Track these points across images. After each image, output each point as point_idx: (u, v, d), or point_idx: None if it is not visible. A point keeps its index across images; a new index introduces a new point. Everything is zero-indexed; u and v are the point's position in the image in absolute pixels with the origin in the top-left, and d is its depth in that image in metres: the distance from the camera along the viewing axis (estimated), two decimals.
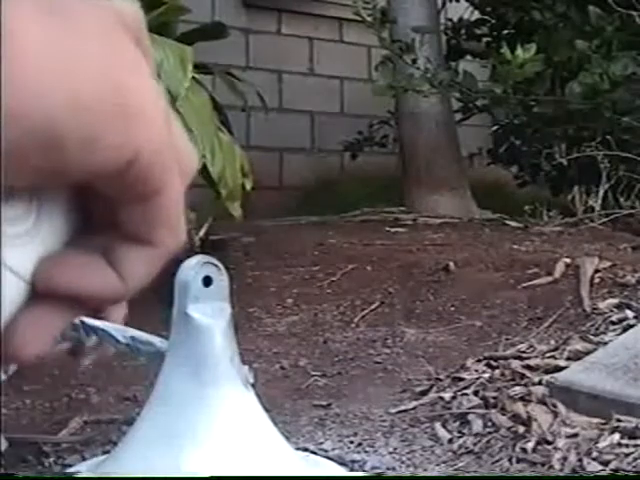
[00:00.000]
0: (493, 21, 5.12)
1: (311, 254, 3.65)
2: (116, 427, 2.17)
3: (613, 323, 2.70)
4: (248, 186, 3.18)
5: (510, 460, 1.99)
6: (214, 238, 3.50)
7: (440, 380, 2.46)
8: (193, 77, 2.95)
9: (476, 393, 2.31)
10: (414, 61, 4.26)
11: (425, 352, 2.73)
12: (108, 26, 0.33)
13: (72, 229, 0.36)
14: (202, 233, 3.36)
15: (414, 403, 2.34)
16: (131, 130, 0.33)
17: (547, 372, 2.36)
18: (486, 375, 2.41)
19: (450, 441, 2.11)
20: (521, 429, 2.09)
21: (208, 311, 1.66)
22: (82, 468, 1.86)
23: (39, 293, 0.34)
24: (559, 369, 2.37)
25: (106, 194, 0.34)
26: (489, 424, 2.14)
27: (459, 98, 4.75)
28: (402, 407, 2.31)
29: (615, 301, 2.85)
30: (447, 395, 2.33)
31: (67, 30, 0.31)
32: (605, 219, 4.21)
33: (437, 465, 2.01)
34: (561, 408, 2.16)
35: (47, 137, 0.30)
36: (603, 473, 1.90)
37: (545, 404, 2.19)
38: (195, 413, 1.64)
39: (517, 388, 2.29)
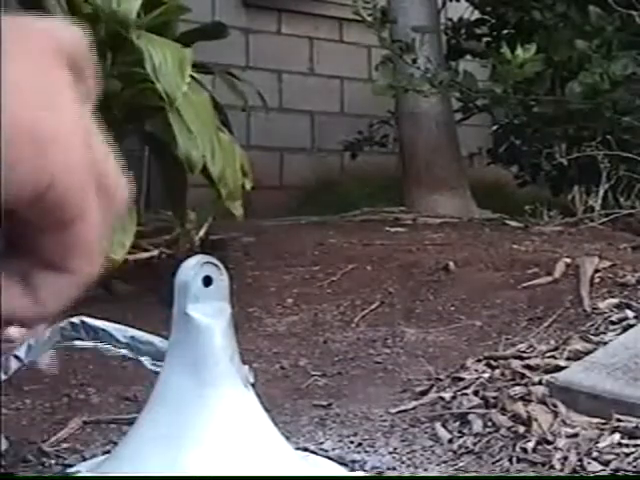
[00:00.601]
0: (493, 21, 5.13)
1: (311, 254, 3.65)
2: (116, 427, 2.17)
3: (613, 323, 2.70)
4: (248, 186, 3.18)
5: (510, 460, 1.99)
6: (214, 238, 3.50)
7: (440, 380, 2.46)
8: (193, 77, 2.95)
9: (476, 393, 2.30)
10: (414, 61, 4.26)
11: (425, 352, 2.73)
12: (34, 54, 0.34)
13: None
14: (202, 233, 3.37)
15: (414, 403, 2.34)
16: (45, 157, 0.33)
17: (547, 372, 2.36)
18: (486, 375, 2.41)
19: (450, 441, 2.11)
20: (521, 429, 2.09)
21: (208, 311, 1.66)
22: (82, 468, 1.86)
23: None
24: (559, 369, 2.37)
25: (25, 220, 0.34)
26: (489, 424, 2.14)
27: (459, 98, 4.75)
28: (402, 407, 2.31)
29: (615, 301, 2.85)
30: (447, 395, 2.33)
31: None
32: (605, 219, 4.21)
33: (437, 465, 2.01)
34: (561, 408, 2.16)
35: None
36: (603, 473, 1.90)
37: (545, 404, 2.19)
38: (195, 413, 1.64)
39: (517, 388, 2.29)
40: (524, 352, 2.57)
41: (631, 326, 2.63)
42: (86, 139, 0.35)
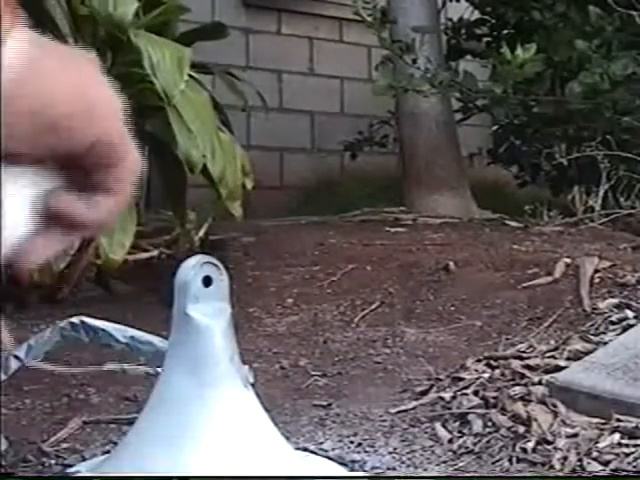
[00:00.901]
0: (493, 21, 5.12)
1: (311, 254, 3.65)
2: (116, 427, 2.17)
3: (613, 323, 2.70)
4: (249, 185, 3.18)
5: (510, 460, 1.99)
6: (214, 238, 3.50)
7: (440, 380, 2.46)
8: (193, 77, 2.95)
9: (476, 393, 2.31)
10: (414, 61, 4.26)
11: (425, 352, 2.73)
12: (80, 59, 0.53)
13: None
14: (202, 233, 3.37)
15: (414, 403, 2.34)
16: (93, 122, 0.51)
17: (547, 372, 2.36)
18: (486, 375, 2.41)
19: (450, 441, 2.11)
20: (521, 429, 2.09)
21: (208, 311, 1.66)
22: (82, 468, 1.86)
23: (46, 218, 0.52)
24: (559, 369, 2.37)
25: (86, 161, 0.52)
26: (489, 424, 2.14)
27: (459, 98, 4.75)
28: (402, 407, 2.31)
29: (615, 301, 2.85)
30: (447, 395, 2.33)
31: (61, 62, 0.51)
32: (605, 219, 4.21)
33: (437, 465, 2.01)
34: (561, 408, 2.16)
35: (48, 124, 0.50)
36: (603, 473, 1.90)
37: (545, 404, 2.19)
38: (195, 413, 1.64)
39: (517, 388, 2.29)
40: (524, 352, 2.58)
41: (631, 326, 2.63)
42: (120, 112, 0.54)
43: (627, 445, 1.98)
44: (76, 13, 2.98)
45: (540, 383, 2.29)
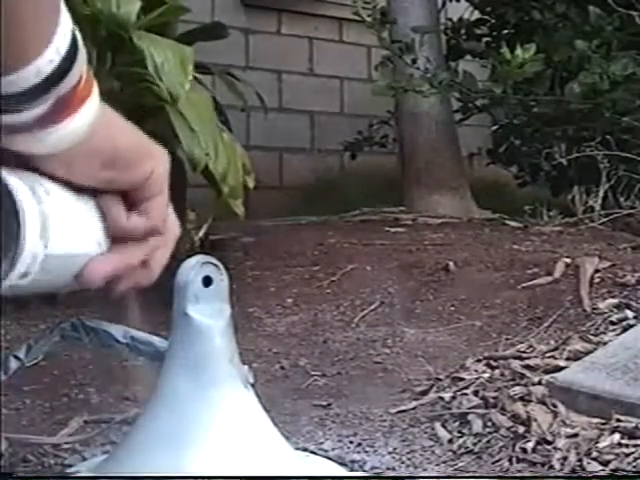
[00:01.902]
0: (493, 21, 5.12)
1: (311, 254, 3.65)
2: (116, 427, 2.17)
3: (613, 323, 2.70)
4: (251, 185, 3.18)
5: (510, 460, 1.99)
6: (214, 238, 3.50)
7: (440, 380, 2.46)
8: (194, 77, 2.95)
9: (476, 393, 2.31)
10: (414, 61, 4.26)
11: (425, 352, 2.73)
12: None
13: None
14: (202, 233, 3.37)
15: (414, 403, 2.34)
16: (148, 162, 0.68)
17: (547, 372, 2.36)
18: (486, 375, 2.41)
19: (450, 441, 2.11)
20: (521, 429, 2.09)
21: (208, 311, 1.66)
22: (82, 468, 1.86)
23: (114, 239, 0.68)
24: (559, 369, 2.37)
25: (134, 195, 0.67)
26: (489, 424, 2.14)
27: (459, 98, 4.75)
28: (402, 407, 2.31)
29: (615, 301, 2.85)
30: (447, 395, 2.33)
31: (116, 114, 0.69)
32: (605, 219, 4.21)
33: (437, 465, 2.01)
34: (561, 408, 2.16)
35: (113, 163, 0.66)
36: (603, 473, 1.90)
37: (545, 404, 2.19)
38: (195, 413, 1.64)
39: (517, 388, 2.29)
40: (524, 352, 2.58)
41: (631, 326, 2.63)
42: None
43: (627, 445, 1.98)
44: (77, 12, 2.98)
45: (540, 383, 2.29)
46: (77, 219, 0.64)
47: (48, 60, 0.59)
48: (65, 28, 0.61)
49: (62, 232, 0.62)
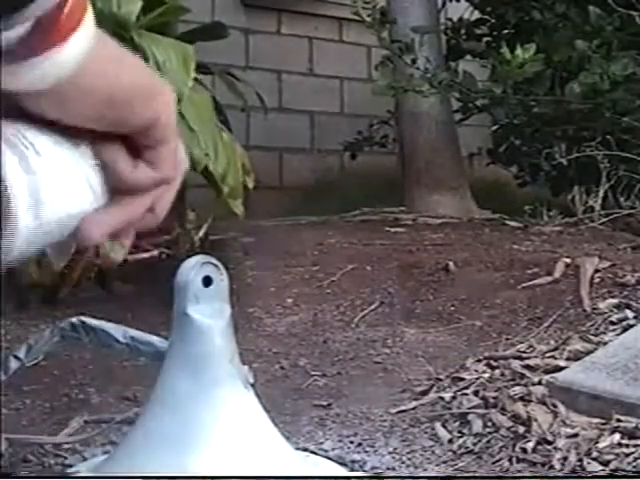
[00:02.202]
0: (493, 21, 5.12)
1: (311, 254, 3.65)
2: (116, 427, 2.17)
3: (613, 323, 2.70)
4: (250, 185, 3.18)
5: (510, 460, 1.99)
6: (214, 238, 3.50)
7: (440, 380, 2.46)
8: (194, 77, 2.95)
9: (476, 393, 2.31)
10: (414, 61, 4.26)
11: (425, 352, 2.73)
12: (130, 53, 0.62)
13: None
14: (202, 233, 3.37)
15: (414, 403, 2.34)
16: (154, 105, 0.60)
17: (547, 372, 2.36)
18: (486, 375, 2.41)
19: (450, 441, 2.11)
20: (521, 429, 2.09)
21: (208, 311, 1.66)
22: (82, 468, 1.86)
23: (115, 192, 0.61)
24: (559, 369, 2.37)
25: (139, 142, 0.60)
26: (489, 424, 2.14)
27: (459, 98, 4.74)
28: (402, 407, 2.31)
29: (615, 301, 2.85)
30: (447, 395, 2.33)
31: (120, 52, 0.61)
32: (605, 219, 4.21)
33: (437, 465, 2.01)
34: (561, 408, 2.16)
35: (112, 103, 0.58)
36: (603, 473, 1.90)
37: (545, 404, 2.19)
38: (195, 413, 1.64)
39: (517, 388, 2.29)
40: (524, 352, 2.58)
41: (631, 326, 2.63)
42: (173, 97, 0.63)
43: (627, 445, 1.98)
44: None
45: (540, 383, 2.29)
46: (72, 175, 0.58)
47: None
48: None
49: (55, 195, 0.57)
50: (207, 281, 1.65)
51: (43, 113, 0.57)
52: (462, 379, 2.42)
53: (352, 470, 1.97)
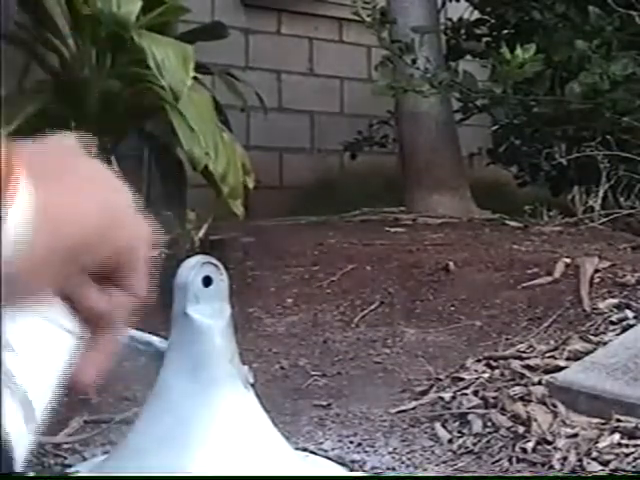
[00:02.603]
0: (493, 21, 5.12)
1: (311, 254, 3.65)
2: (116, 427, 2.17)
3: (613, 323, 2.70)
4: (250, 184, 3.18)
5: (510, 460, 1.99)
6: (214, 238, 3.50)
7: (440, 380, 2.46)
8: (195, 77, 2.95)
9: (476, 393, 2.31)
10: (414, 61, 4.25)
11: (425, 352, 2.73)
12: (80, 163, 0.55)
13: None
14: (202, 233, 3.37)
15: (414, 403, 2.34)
16: (114, 236, 0.54)
17: (547, 372, 2.36)
18: (486, 375, 2.41)
19: (450, 441, 2.11)
20: (521, 429, 2.09)
21: (208, 311, 1.66)
22: (82, 468, 1.86)
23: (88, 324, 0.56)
24: (559, 369, 2.37)
25: (108, 265, 0.55)
26: (489, 424, 2.14)
27: (459, 98, 4.74)
28: (402, 407, 2.31)
29: (615, 301, 2.85)
30: (447, 395, 2.33)
31: (69, 187, 0.53)
32: (605, 219, 4.21)
33: (437, 465, 2.01)
34: (561, 408, 2.16)
35: (71, 255, 0.52)
36: (603, 473, 1.90)
37: (545, 404, 2.19)
38: (194, 413, 1.64)
39: (517, 388, 2.29)
40: (524, 352, 2.58)
41: (631, 326, 2.63)
42: (133, 214, 0.57)
43: (627, 445, 1.98)
44: (77, 13, 2.98)
45: (540, 383, 2.29)
46: (51, 346, 0.54)
47: None
48: None
49: (44, 387, 0.54)
50: (207, 281, 1.65)
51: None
52: (462, 379, 2.42)
53: (352, 470, 1.97)
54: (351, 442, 2.12)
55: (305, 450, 2.02)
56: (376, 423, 2.23)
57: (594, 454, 1.96)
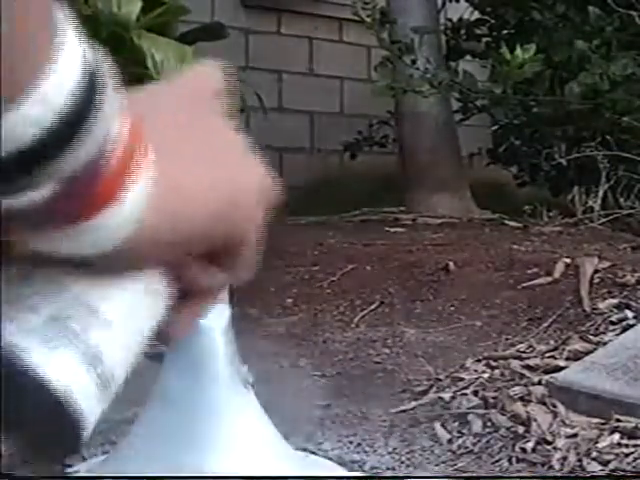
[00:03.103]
0: (493, 21, 5.12)
1: (311, 254, 3.65)
2: (116, 427, 2.17)
3: (613, 323, 2.70)
4: None
5: (510, 460, 1.99)
6: None
7: (440, 380, 2.47)
8: None
9: (476, 393, 2.31)
10: (414, 61, 4.26)
11: (425, 352, 2.73)
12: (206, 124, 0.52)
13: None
14: None
15: (414, 403, 2.34)
16: (230, 225, 0.51)
17: (547, 372, 2.37)
18: (486, 375, 2.41)
19: (450, 441, 2.11)
20: (521, 429, 2.09)
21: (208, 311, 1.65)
22: (82, 468, 1.86)
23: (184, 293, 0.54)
24: (559, 369, 2.37)
25: (218, 247, 0.52)
26: (489, 424, 2.14)
27: (459, 98, 4.75)
28: (402, 407, 2.31)
29: (615, 301, 2.86)
30: (447, 395, 2.33)
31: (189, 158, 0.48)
32: (605, 219, 4.21)
33: (437, 465, 2.01)
34: (561, 408, 2.16)
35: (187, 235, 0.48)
36: (603, 473, 1.90)
37: (545, 404, 2.19)
38: (195, 413, 1.64)
39: (517, 388, 2.30)
40: (524, 352, 2.58)
41: (631, 326, 2.63)
42: (259, 191, 0.54)
43: (627, 445, 1.98)
44: (77, 13, 2.98)
45: (540, 383, 2.29)
46: (140, 316, 0.52)
47: (21, 119, 0.38)
48: (66, 70, 0.40)
49: (122, 354, 0.52)
50: None
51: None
52: (462, 379, 2.42)
53: (351, 470, 1.97)
54: (351, 442, 2.12)
55: (305, 450, 2.02)
56: (376, 423, 2.23)
57: (594, 454, 1.96)
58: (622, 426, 2.04)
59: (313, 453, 2.02)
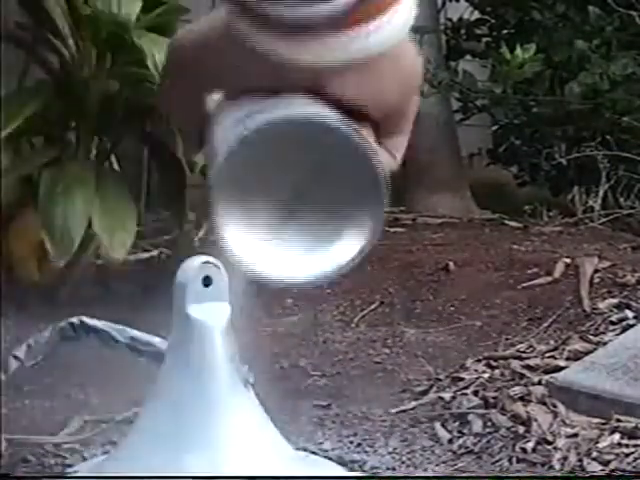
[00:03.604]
0: (493, 21, 5.12)
1: None
2: (116, 427, 2.17)
3: (613, 323, 2.70)
4: None
5: (510, 460, 1.99)
6: (214, 238, 3.50)
7: (440, 380, 2.47)
8: None
9: (476, 393, 2.31)
10: None
11: (425, 352, 2.73)
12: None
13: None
14: (202, 233, 3.37)
15: (414, 403, 2.34)
16: (413, 92, 0.64)
17: (547, 372, 2.37)
18: (486, 375, 2.42)
19: (450, 441, 2.11)
20: (521, 429, 2.09)
21: (208, 311, 1.65)
22: (82, 468, 1.86)
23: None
24: (559, 369, 2.37)
25: (382, 126, 0.65)
26: (489, 424, 2.14)
27: (459, 98, 4.74)
28: (402, 407, 2.31)
29: (615, 301, 2.86)
30: (447, 395, 2.33)
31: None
32: (605, 219, 4.21)
33: (437, 465, 2.01)
34: (561, 408, 2.16)
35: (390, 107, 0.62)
36: (603, 473, 1.90)
37: (545, 404, 2.19)
38: (194, 413, 1.64)
39: (517, 388, 2.30)
40: (524, 352, 2.58)
41: (631, 326, 2.63)
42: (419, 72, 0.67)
43: (627, 445, 1.98)
44: (77, 13, 2.98)
45: (540, 383, 2.29)
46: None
47: None
48: None
49: None
50: (207, 281, 1.65)
51: (343, 93, 0.57)
52: (462, 379, 2.42)
53: (352, 470, 1.97)
54: (351, 442, 2.12)
55: (305, 450, 2.02)
56: (376, 423, 2.23)
57: (594, 454, 1.96)
58: (622, 426, 2.04)
59: (313, 453, 2.02)
